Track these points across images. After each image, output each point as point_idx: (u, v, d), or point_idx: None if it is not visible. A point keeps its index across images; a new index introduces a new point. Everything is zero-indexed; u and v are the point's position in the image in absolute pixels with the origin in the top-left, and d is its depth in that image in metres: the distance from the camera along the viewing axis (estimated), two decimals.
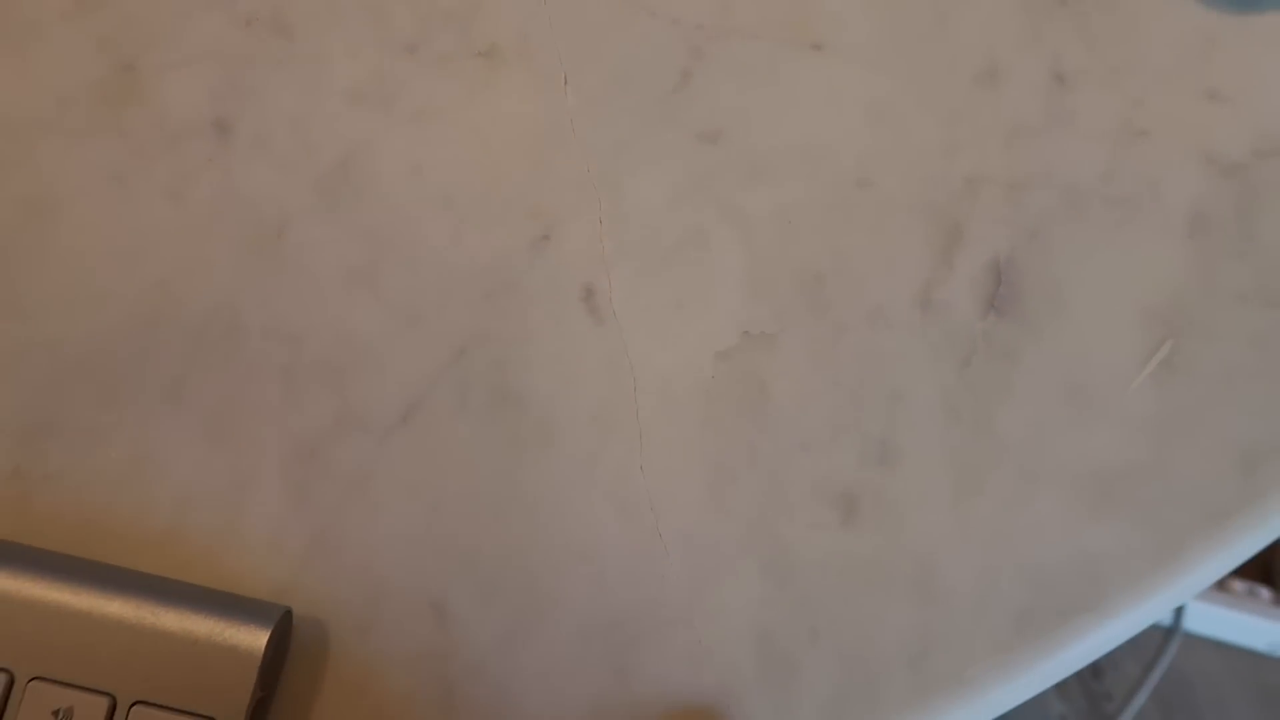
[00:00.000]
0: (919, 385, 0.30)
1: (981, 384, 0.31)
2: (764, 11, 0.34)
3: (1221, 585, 1.07)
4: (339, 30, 0.33)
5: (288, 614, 0.27)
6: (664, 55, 0.33)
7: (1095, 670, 1.10)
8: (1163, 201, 0.32)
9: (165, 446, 0.29)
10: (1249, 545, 0.30)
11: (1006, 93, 0.33)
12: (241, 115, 0.32)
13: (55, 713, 0.25)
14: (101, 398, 0.29)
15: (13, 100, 0.31)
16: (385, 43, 0.33)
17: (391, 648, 0.28)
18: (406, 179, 0.31)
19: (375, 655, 0.28)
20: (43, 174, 0.31)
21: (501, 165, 0.32)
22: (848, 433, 0.30)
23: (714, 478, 0.30)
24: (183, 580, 0.27)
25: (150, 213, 0.31)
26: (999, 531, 0.29)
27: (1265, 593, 1.07)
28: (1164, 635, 0.99)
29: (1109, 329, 0.31)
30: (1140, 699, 0.96)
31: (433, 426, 0.29)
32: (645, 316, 0.31)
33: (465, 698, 0.28)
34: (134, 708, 0.25)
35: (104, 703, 0.25)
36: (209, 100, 0.32)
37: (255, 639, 0.26)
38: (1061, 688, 1.10)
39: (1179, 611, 1.00)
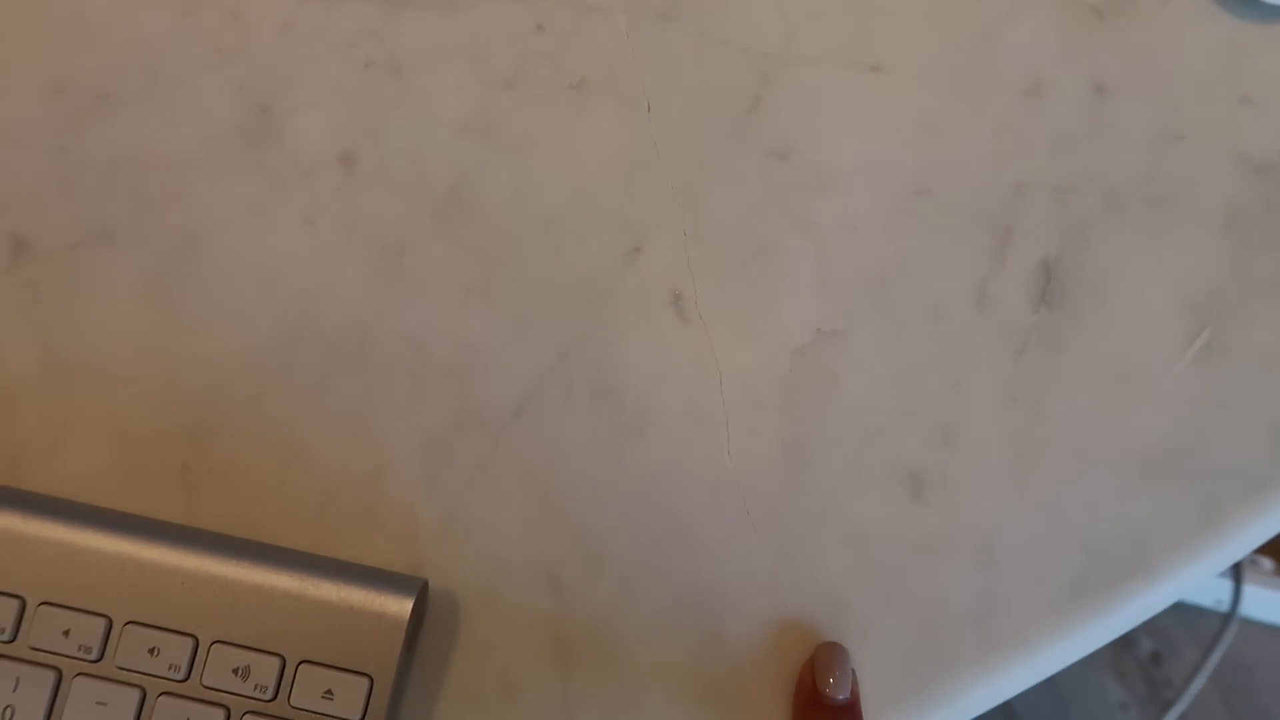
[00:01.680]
0: (977, 374, 0.34)
1: (1035, 371, 0.34)
2: (826, 38, 0.37)
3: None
4: (446, 70, 0.37)
5: (425, 585, 0.31)
6: (736, 82, 0.37)
7: (1155, 657, 1.12)
8: (1199, 200, 0.35)
9: (311, 442, 0.33)
10: None
11: (1051, 104, 0.36)
12: (364, 149, 0.36)
13: (235, 670, 0.29)
14: (254, 401, 0.33)
15: (166, 143, 0.36)
16: (487, 80, 0.36)
17: (514, 614, 0.32)
18: (511, 201, 0.35)
19: (500, 621, 0.32)
20: (195, 208, 0.35)
21: (595, 186, 0.35)
22: (913, 418, 0.33)
23: (794, 461, 0.33)
24: (334, 557, 0.31)
25: (289, 238, 0.35)
26: (1054, 505, 0.33)
27: None
28: (1222, 621, 1.00)
29: (1151, 318, 0.34)
30: (1198, 683, 0.98)
31: (542, 420, 0.33)
32: (728, 318, 0.34)
33: (580, 658, 0.31)
34: (301, 666, 0.29)
35: (275, 662, 0.29)
36: (335, 136, 0.36)
37: (401, 606, 0.30)
38: (1121, 674, 1.11)
39: (1236, 597, 1.01)
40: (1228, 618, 1.00)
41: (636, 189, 0.35)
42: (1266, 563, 1.08)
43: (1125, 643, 1.13)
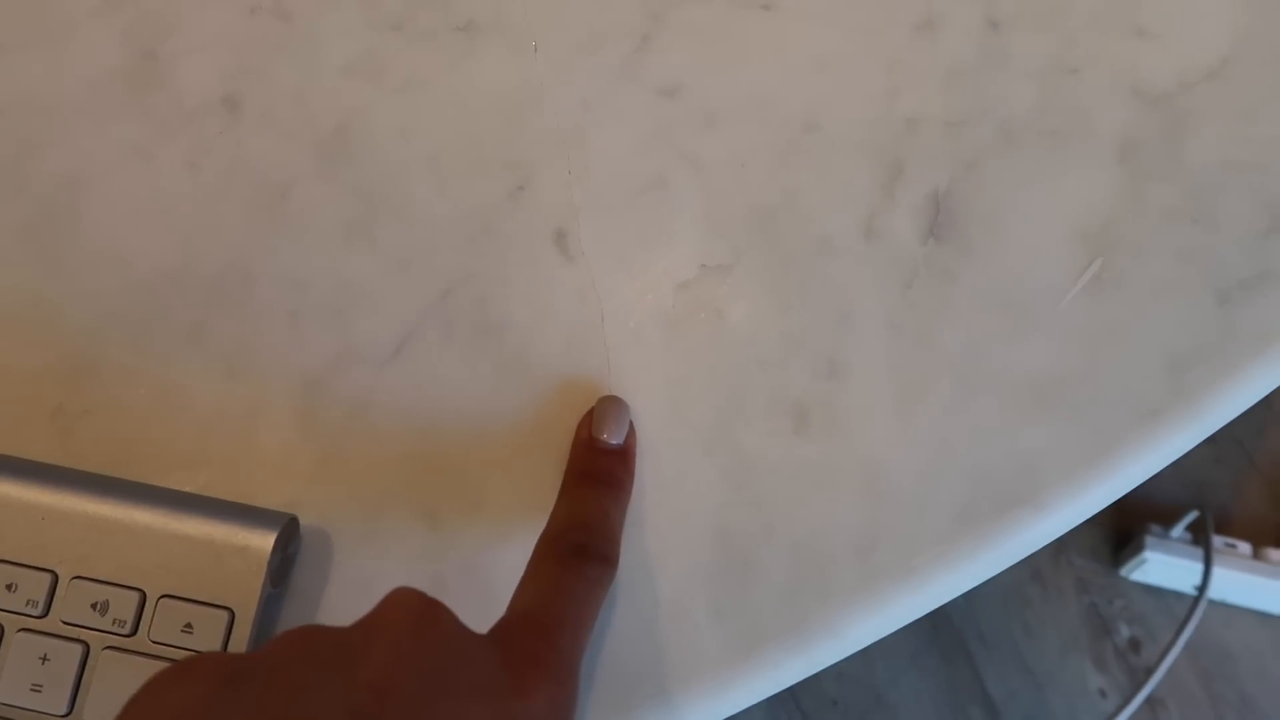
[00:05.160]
0: (864, 306, 0.33)
1: (923, 303, 0.33)
2: None
3: (1258, 554, 1.06)
4: (333, 13, 0.36)
5: (294, 520, 0.30)
6: (624, 20, 0.36)
7: (1134, 644, 1.11)
8: (1093, 132, 0.35)
9: (188, 383, 0.33)
10: (1177, 444, 0.32)
11: (944, 40, 0.36)
12: (249, 92, 0.35)
13: (94, 605, 0.29)
14: (132, 343, 0.33)
15: (48, 87, 0.35)
16: (374, 22, 0.36)
17: (389, 551, 0.31)
18: (396, 142, 0.35)
19: (375, 558, 0.31)
20: (77, 151, 0.35)
21: (480, 126, 0.35)
22: (799, 351, 0.33)
23: (676, 395, 0.32)
24: (203, 495, 0.31)
25: (171, 181, 0.35)
26: (940, 434, 0.32)
27: None
28: (1191, 603, 1.00)
29: (1043, 249, 0.34)
30: (1168, 662, 0.97)
31: (423, 358, 0.33)
32: (611, 254, 0.34)
33: (456, 593, 0.31)
34: (161, 600, 0.29)
35: (135, 596, 0.29)
36: (220, 80, 0.36)
37: (264, 540, 0.29)
38: (1100, 661, 1.10)
39: (1205, 578, 1.00)
40: (1196, 600, 0.99)
41: (522, 128, 0.35)
42: (1244, 547, 1.07)
43: (1104, 630, 1.12)
